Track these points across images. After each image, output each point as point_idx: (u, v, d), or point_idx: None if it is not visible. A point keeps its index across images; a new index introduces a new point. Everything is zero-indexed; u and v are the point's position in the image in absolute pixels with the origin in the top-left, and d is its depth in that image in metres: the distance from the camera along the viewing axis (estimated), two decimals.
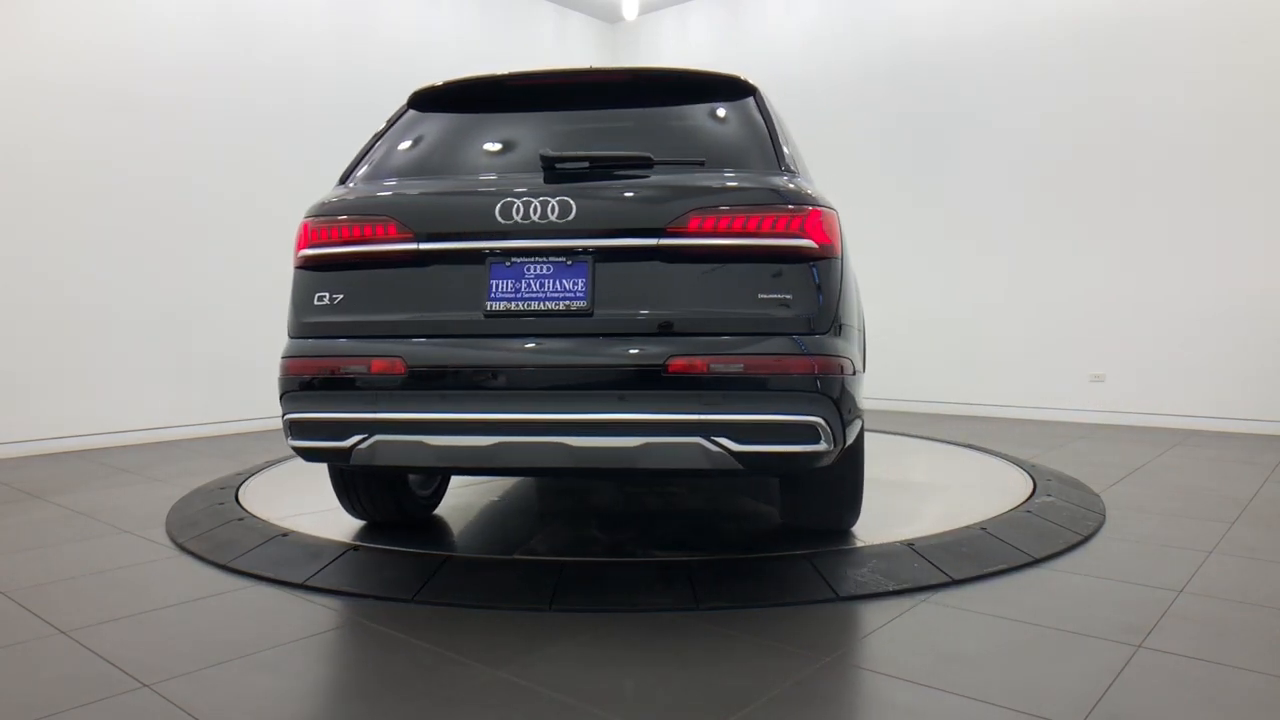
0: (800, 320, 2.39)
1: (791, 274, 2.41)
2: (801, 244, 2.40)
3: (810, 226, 2.42)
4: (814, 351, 2.36)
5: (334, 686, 2.04)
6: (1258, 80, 5.89)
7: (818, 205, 2.48)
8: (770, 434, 2.34)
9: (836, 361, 2.40)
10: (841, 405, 2.41)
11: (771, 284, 2.39)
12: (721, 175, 2.54)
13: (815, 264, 2.43)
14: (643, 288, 2.42)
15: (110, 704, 1.94)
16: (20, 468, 4.87)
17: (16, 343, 5.24)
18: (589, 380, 2.37)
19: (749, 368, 2.33)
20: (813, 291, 2.41)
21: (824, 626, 2.37)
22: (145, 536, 3.37)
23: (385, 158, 2.82)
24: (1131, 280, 6.42)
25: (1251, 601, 2.56)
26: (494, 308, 2.45)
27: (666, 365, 2.32)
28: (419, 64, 7.33)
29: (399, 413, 2.45)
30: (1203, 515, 3.61)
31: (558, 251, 2.44)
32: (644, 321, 2.40)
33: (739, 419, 2.31)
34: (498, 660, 2.15)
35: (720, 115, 2.80)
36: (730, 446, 2.31)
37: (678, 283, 2.41)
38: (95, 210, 5.54)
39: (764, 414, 2.33)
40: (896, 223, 7.42)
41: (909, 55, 7.44)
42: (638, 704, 1.92)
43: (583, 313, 2.41)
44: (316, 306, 2.60)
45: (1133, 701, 1.91)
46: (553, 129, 2.79)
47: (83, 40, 5.47)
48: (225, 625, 2.45)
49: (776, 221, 2.39)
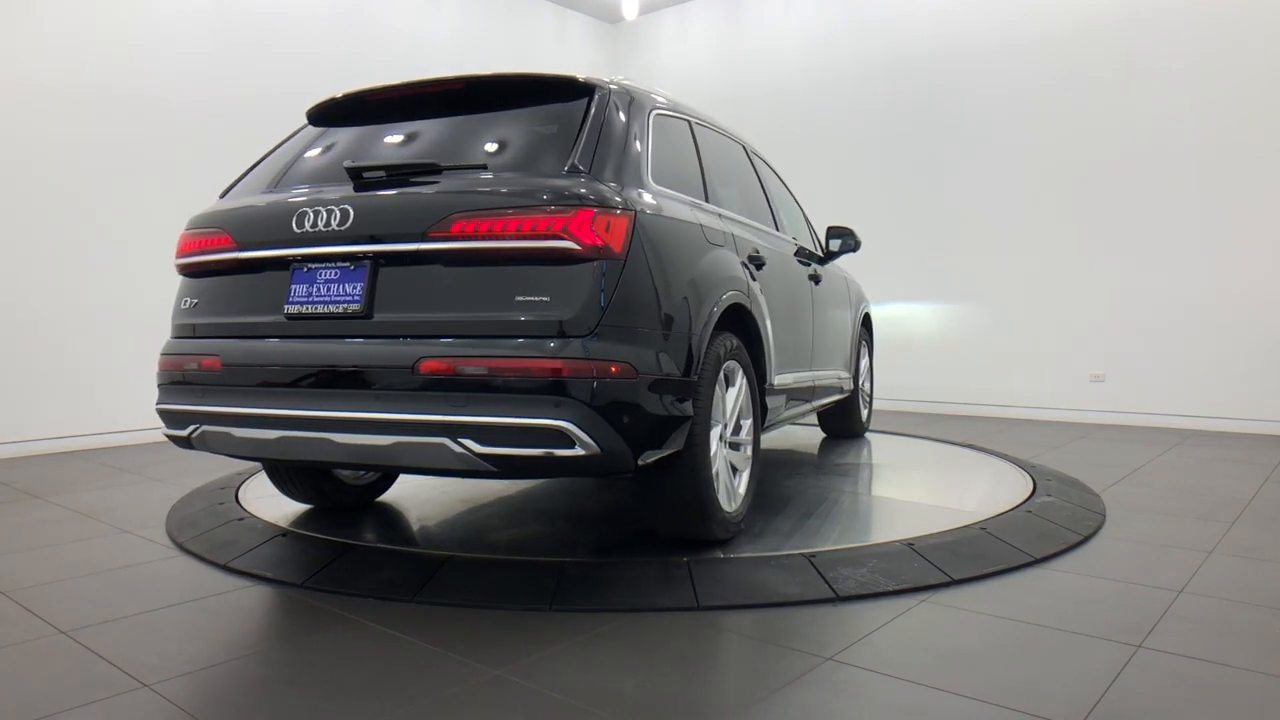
0: (555, 323, 2.36)
1: (552, 276, 2.39)
2: (562, 246, 2.38)
3: (575, 228, 2.38)
4: (565, 355, 2.32)
5: (334, 686, 2.04)
6: (1257, 80, 5.89)
7: (588, 206, 2.41)
8: (514, 437, 2.32)
9: (597, 365, 2.34)
10: (610, 410, 2.35)
11: (530, 286, 2.39)
12: (497, 179, 2.55)
13: (580, 266, 2.39)
14: (411, 291, 2.50)
15: (110, 704, 1.94)
16: (20, 468, 4.87)
17: (17, 343, 5.24)
18: (356, 380, 2.48)
19: (493, 370, 2.33)
20: (575, 293, 2.37)
21: (824, 626, 2.37)
22: (145, 536, 3.37)
23: (258, 172, 3.05)
24: (1131, 280, 6.42)
25: (1251, 601, 2.56)
26: (291, 310, 2.63)
27: (417, 367, 2.38)
28: (419, 64, 7.33)
29: (213, 406, 2.69)
30: (1203, 515, 3.61)
31: (342, 257, 2.57)
32: (410, 324, 2.48)
33: (481, 421, 2.32)
34: (498, 660, 2.15)
35: (544, 117, 2.80)
36: (474, 448, 2.33)
37: (442, 286, 2.47)
38: (96, 210, 5.54)
39: (505, 417, 2.31)
40: (895, 222, 7.42)
41: (908, 54, 7.44)
42: (638, 704, 1.92)
43: (360, 315, 2.52)
44: (181, 310, 2.94)
45: (1133, 701, 1.91)
46: (391, 139, 2.91)
47: (83, 39, 5.47)
48: (225, 625, 2.45)
49: (537, 224, 2.38)
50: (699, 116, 3.56)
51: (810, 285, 4.15)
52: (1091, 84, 6.54)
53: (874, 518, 3.34)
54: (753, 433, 3.17)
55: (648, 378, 2.47)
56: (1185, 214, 6.19)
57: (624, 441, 2.40)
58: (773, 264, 3.56)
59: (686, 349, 2.64)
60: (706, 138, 3.54)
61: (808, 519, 3.34)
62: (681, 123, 3.33)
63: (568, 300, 2.37)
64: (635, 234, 2.51)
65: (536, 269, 2.41)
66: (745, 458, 3.14)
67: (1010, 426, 6.41)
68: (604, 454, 2.35)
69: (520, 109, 2.83)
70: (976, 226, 7.12)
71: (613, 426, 2.36)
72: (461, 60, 7.73)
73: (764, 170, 4.27)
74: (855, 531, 3.14)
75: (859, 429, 5.51)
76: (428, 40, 7.53)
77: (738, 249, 3.19)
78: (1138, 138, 6.36)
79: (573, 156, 2.58)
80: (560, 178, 2.51)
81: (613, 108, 2.79)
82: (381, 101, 3.00)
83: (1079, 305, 6.65)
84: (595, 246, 2.39)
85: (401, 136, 2.90)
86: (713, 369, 2.79)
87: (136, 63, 5.72)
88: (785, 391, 3.64)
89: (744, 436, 3.12)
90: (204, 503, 3.73)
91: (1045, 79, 6.75)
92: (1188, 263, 6.19)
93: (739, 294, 3.03)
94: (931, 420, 6.68)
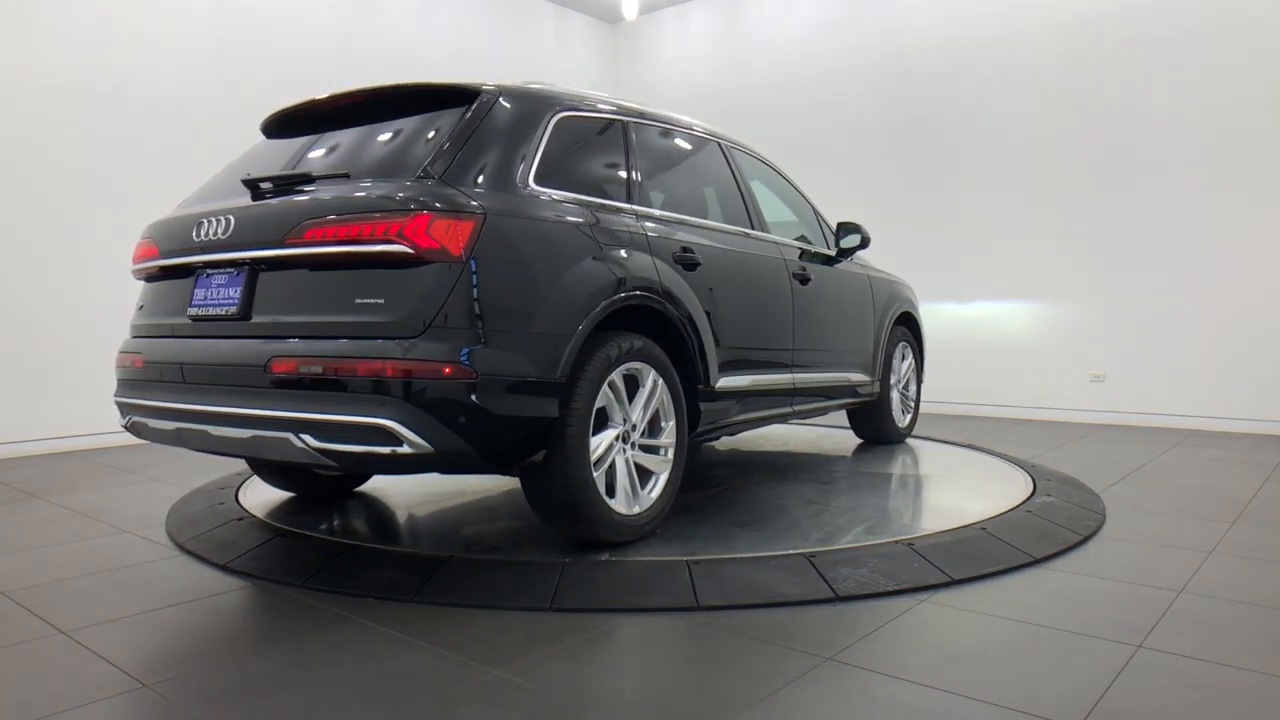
0: (388, 325, 2.45)
1: (389, 279, 2.49)
2: (397, 250, 2.46)
3: (410, 232, 2.46)
4: (391, 356, 2.41)
5: (334, 687, 2.04)
6: (1256, 79, 5.89)
7: (427, 211, 2.48)
8: (345, 434, 2.43)
9: (425, 366, 2.41)
10: (442, 410, 2.42)
11: (369, 289, 2.51)
12: (353, 186, 2.67)
13: (417, 269, 2.47)
14: (277, 295, 2.68)
15: (110, 704, 1.94)
16: (20, 468, 4.87)
17: (17, 343, 5.24)
18: (228, 377, 2.69)
19: (327, 369, 2.47)
20: (408, 296, 2.46)
21: (824, 626, 2.37)
22: (145, 536, 3.37)
23: (203, 185, 3.29)
24: (1132, 280, 6.42)
25: (1251, 601, 2.56)
26: (192, 313, 2.87)
27: (269, 366, 2.56)
28: (420, 64, 7.34)
29: (137, 399, 3.02)
30: (1203, 515, 3.61)
31: (228, 264, 2.80)
32: (274, 325, 2.66)
33: (316, 418, 2.45)
34: (498, 660, 2.15)
35: (428, 125, 2.88)
36: (312, 444, 2.45)
37: (300, 290, 2.64)
38: (96, 210, 5.54)
39: (336, 414, 2.43)
40: (895, 221, 7.42)
41: (909, 54, 7.44)
42: (638, 704, 1.92)
43: (238, 317, 2.72)
44: (135, 312, 3.24)
45: (1133, 701, 1.91)
46: (305, 150, 3.10)
47: (83, 39, 5.47)
48: (225, 625, 2.46)
49: (375, 229, 2.48)
50: (648, 116, 3.55)
51: (792, 285, 4.01)
52: (1093, 84, 6.54)
53: (874, 518, 3.34)
54: (676, 435, 3.15)
55: (493, 379, 2.50)
56: (1186, 214, 6.19)
57: (463, 441, 2.47)
58: (719, 263, 3.47)
59: (551, 350, 2.66)
60: (648, 137, 3.53)
61: (808, 518, 3.34)
62: (608, 122, 3.33)
63: (401, 302, 2.46)
64: (483, 236, 2.55)
65: (376, 272, 2.51)
66: (664, 460, 3.13)
67: (1010, 426, 6.41)
68: (440, 453, 2.43)
69: (413, 117, 2.93)
70: (976, 225, 7.12)
71: (447, 426, 2.43)
72: (462, 61, 7.73)
73: (751, 168, 4.21)
74: (855, 531, 3.14)
75: (892, 434, 5.15)
76: (427, 40, 7.53)
77: (651, 249, 3.14)
78: (1139, 138, 6.36)
79: (427, 162, 2.67)
80: (409, 183, 2.60)
81: (493, 113, 2.86)
82: (306, 115, 3.20)
83: (1079, 305, 6.65)
84: (432, 249, 2.47)
85: (313, 148, 3.08)
86: (599, 371, 2.80)
87: (136, 63, 5.72)
88: (737, 394, 3.56)
89: (663, 439, 3.12)
90: (204, 503, 3.73)
91: (1046, 78, 6.75)
92: (1188, 263, 6.19)
93: (645, 295, 3.00)
94: (932, 420, 6.68)
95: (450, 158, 2.67)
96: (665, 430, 3.13)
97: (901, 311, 5.17)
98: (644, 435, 3.06)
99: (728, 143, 4.11)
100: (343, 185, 2.69)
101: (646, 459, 3.07)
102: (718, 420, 3.49)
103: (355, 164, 2.83)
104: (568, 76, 8.86)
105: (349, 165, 2.83)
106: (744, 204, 3.98)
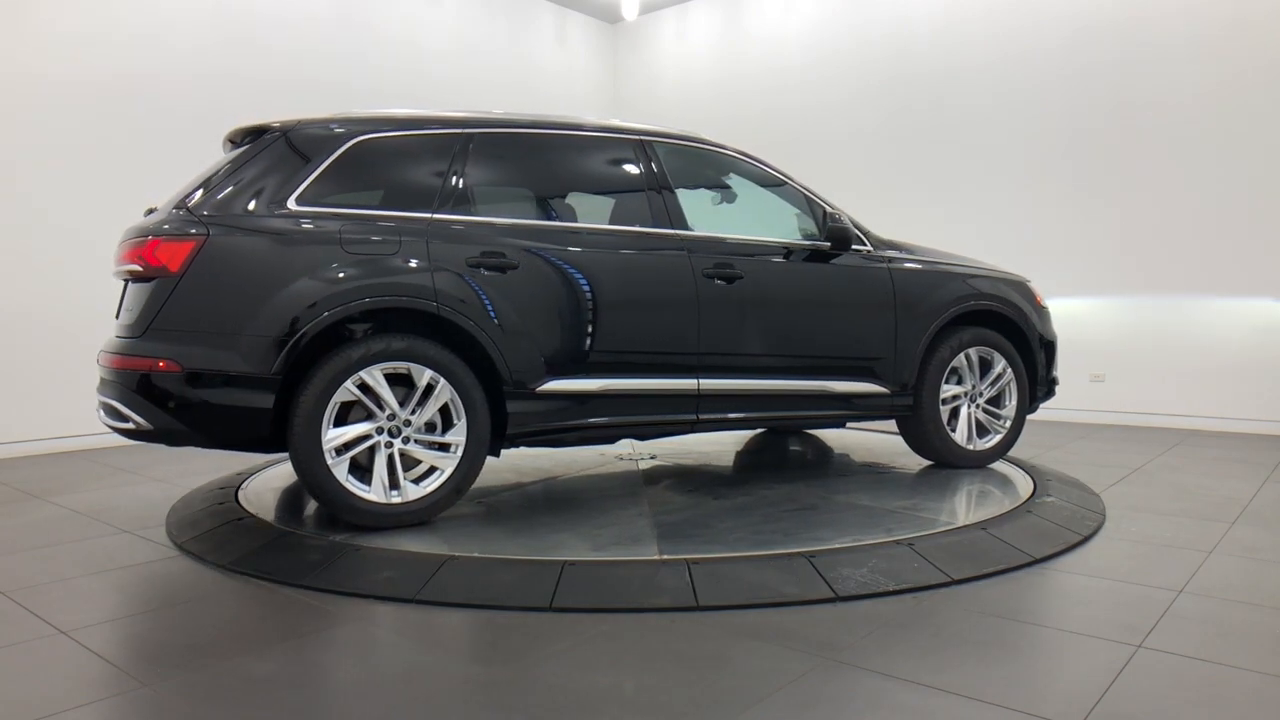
0: (130, 327, 3.11)
1: (136, 291, 3.14)
2: (135, 269, 3.09)
3: (145, 253, 3.05)
4: (119, 351, 3.12)
5: (335, 686, 2.04)
6: (1256, 85, 5.89)
7: (155, 236, 3.06)
8: (108, 412, 3.20)
9: (138, 360, 3.02)
10: (155, 395, 3.00)
11: (133, 299, 3.15)
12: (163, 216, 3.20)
13: (147, 284, 3.06)
14: (126, 304, 3.24)
15: (110, 704, 1.94)
16: (20, 468, 4.87)
17: (17, 343, 5.24)
18: None
19: (109, 365, 3.18)
20: (140, 304, 3.07)
21: (824, 626, 2.37)
22: (145, 536, 3.37)
23: None
24: (1132, 280, 6.42)
25: (1251, 601, 2.57)
26: (117, 319, 3.32)
27: (110, 364, 3.18)
28: (420, 65, 7.34)
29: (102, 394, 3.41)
30: (1203, 515, 3.61)
31: (125, 275, 3.25)
32: (124, 328, 3.21)
33: (101, 399, 3.26)
34: (498, 660, 2.15)
35: (227, 160, 3.34)
36: (103, 418, 3.26)
37: (135, 300, 3.15)
38: (96, 210, 5.53)
39: (103, 396, 3.23)
40: (895, 221, 7.40)
41: (909, 53, 7.44)
42: (638, 704, 1.92)
43: (120, 321, 3.27)
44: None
45: (1133, 701, 1.91)
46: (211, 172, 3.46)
47: (84, 39, 5.47)
48: (225, 625, 2.46)
49: (131, 252, 3.12)
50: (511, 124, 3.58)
51: (699, 284, 3.64)
52: (1092, 83, 6.53)
53: (874, 518, 3.34)
54: (469, 433, 3.24)
55: (200, 373, 2.99)
56: (1186, 214, 6.18)
57: (178, 422, 3.02)
58: (551, 265, 3.39)
59: (264, 350, 3.00)
60: (496, 148, 3.55)
61: (808, 518, 3.34)
62: (429, 139, 3.42)
63: (139, 309, 3.08)
64: (201, 255, 3.02)
65: (136, 286, 3.15)
66: (452, 458, 3.24)
67: None
68: (160, 430, 3.04)
69: (236, 151, 3.35)
70: (976, 225, 7.12)
71: (160, 409, 3.01)
72: (462, 61, 7.74)
73: (695, 165, 4.07)
74: (855, 531, 3.14)
75: (946, 455, 4.29)
76: (427, 40, 7.52)
77: (431, 255, 3.19)
78: (1138, 137, 6.36)
79: (190, 193, 3.19)
80: (172, 212, 3.15)
81: (268, 148, 3.26)
82: (230, 139, 3.53)
83: (1080, 305, 6.65)
84: (155, 267, 3.03)
85: (213, 171, 3.38)
86: (337, 369, 3.05)
87: (137, 62, 5.72)
88: (577, 397, 3.44)
89: (451, 436, 3.24)
90: (204, 503, 3.73)
91: (1046, 78, 6.75)
92: (1188, 263, 6.19)
93: (410, 299, 3.15)
94: None
95: (207, 188, 3.17)
96: (458, 427, 3.24)
97: (969, 310, 4.30)
98: (428, 431, 3.23)
99: (661, 140, 3.86)
100: (158, 214, 3.24)
101: (425, 453, 3.23)
102: (543, 423, 3.41)
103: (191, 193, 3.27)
104: (568, 76, 8.87)
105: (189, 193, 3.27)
106: (649, 204, 3.75)
